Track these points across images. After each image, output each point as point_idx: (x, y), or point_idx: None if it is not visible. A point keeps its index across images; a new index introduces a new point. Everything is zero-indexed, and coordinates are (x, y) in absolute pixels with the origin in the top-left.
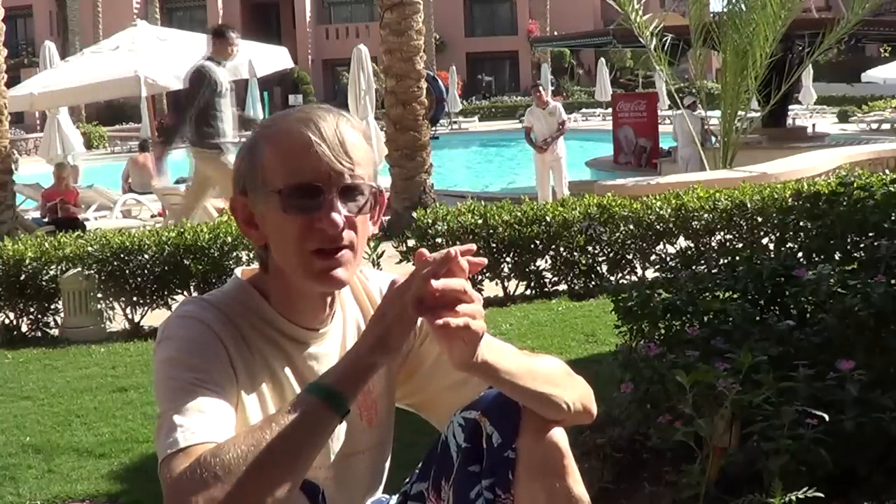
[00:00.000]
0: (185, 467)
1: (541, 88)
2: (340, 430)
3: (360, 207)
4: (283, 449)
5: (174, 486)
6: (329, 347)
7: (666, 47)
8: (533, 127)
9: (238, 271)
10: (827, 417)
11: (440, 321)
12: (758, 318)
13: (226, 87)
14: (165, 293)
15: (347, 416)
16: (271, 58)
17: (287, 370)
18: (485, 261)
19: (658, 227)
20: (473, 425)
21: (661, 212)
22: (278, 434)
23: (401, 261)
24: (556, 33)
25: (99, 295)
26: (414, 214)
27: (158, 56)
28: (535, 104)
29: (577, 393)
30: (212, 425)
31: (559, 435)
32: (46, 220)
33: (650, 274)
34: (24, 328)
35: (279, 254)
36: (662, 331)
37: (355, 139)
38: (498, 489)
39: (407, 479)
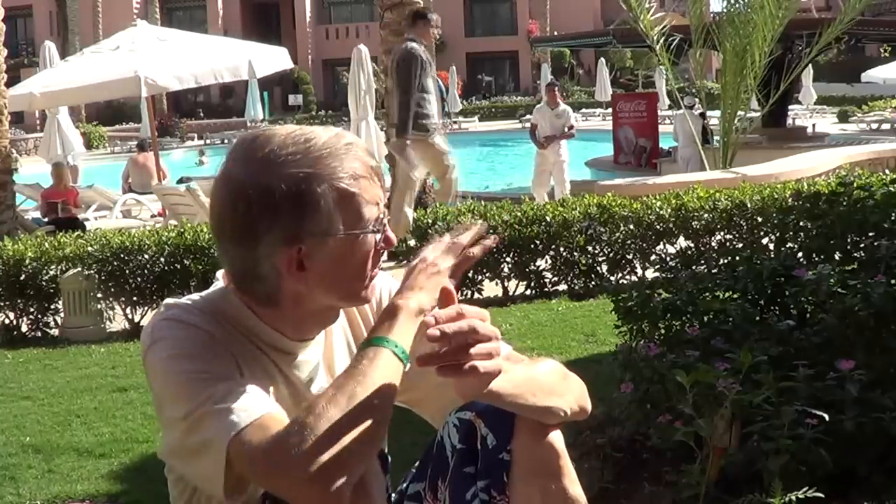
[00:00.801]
0: (279, 434)
1: (556, 89)
2: None
3: None
4: (374, 400)
5: (274, 454)
6: (311, 355)
7: (671, 47)
8: (539, 125)
9: (220, 275)
10: (827, 417)
11: (447, 371)
12: (758, 318)
13: (431, 69)
14: (165, 293)
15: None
16: (271, 58)
17: (278, 378)
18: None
19: (658, 227)
20: (468, 426)
21: (661, 212)
22: (367, 387)
23: (400, 260)
24: (556, 33)
25: (99, 295)
26: (414, 214)
27: (158, 56)
28: (545, 102)
29: (573, 396)
30: (261, 399)
31: (555, 436)
32: (46, 219)
33: (650, 274)
34: (24, 328)
35: (340, 284)
36: (662, 331)
37: None
38: (493, 491)
39: (403, 479)
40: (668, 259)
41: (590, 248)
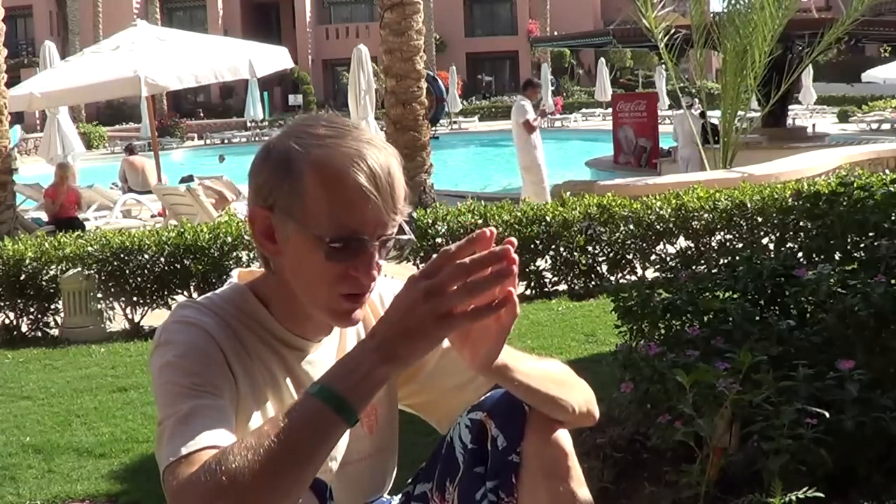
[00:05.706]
0: (189, 475)
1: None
2: (342, 439)
3: (390, 249)
4: (291, 457)
5: (178, 495)
6: (325, 354)
7: (675, 45)
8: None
9: (235, 274)
10: (827, 416)
11: (478, 310)
12: (758, 318)
13: None
14: (165, 293)
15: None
16: (271, 58)
17: (285, 376)
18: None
19: (658, 227)
20: (479, 426)
21: (661, 212)
22: (286, 442)
23: (400, 260)
24: (556, 33)
25: (99, 295)
26: (414, 214)
27: (158, 56)
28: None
29: (582, 396)
30: (213, 431)
31: (564, 437)
32: (47, 220)
33: (650, 274)
34: (24, 328)
35: (301, 283)
36: (662, 331)
37: (401, 180)
38: (502, 492)
39: (410, 480)
40: (668, 259)
41: (590, 248)
